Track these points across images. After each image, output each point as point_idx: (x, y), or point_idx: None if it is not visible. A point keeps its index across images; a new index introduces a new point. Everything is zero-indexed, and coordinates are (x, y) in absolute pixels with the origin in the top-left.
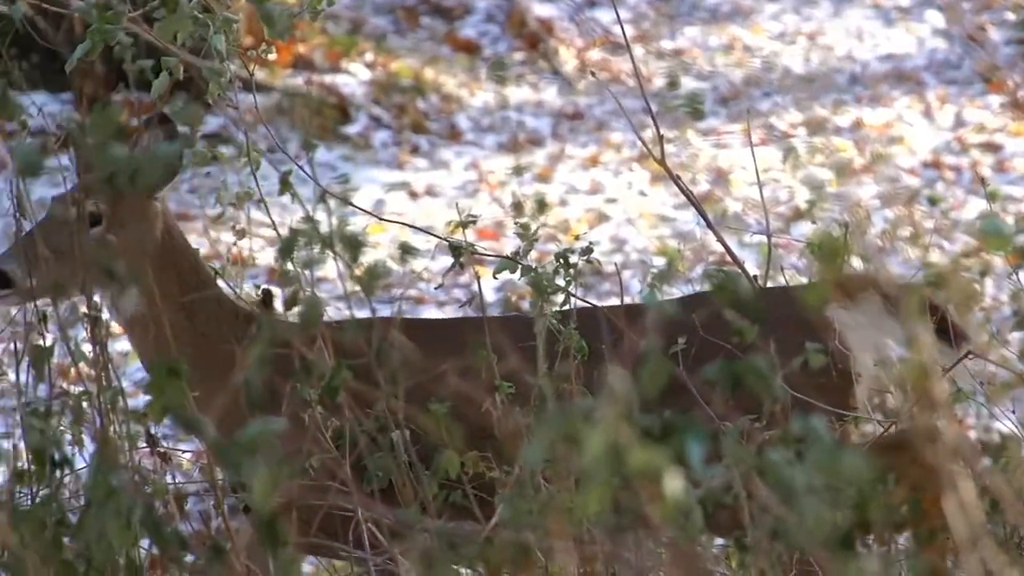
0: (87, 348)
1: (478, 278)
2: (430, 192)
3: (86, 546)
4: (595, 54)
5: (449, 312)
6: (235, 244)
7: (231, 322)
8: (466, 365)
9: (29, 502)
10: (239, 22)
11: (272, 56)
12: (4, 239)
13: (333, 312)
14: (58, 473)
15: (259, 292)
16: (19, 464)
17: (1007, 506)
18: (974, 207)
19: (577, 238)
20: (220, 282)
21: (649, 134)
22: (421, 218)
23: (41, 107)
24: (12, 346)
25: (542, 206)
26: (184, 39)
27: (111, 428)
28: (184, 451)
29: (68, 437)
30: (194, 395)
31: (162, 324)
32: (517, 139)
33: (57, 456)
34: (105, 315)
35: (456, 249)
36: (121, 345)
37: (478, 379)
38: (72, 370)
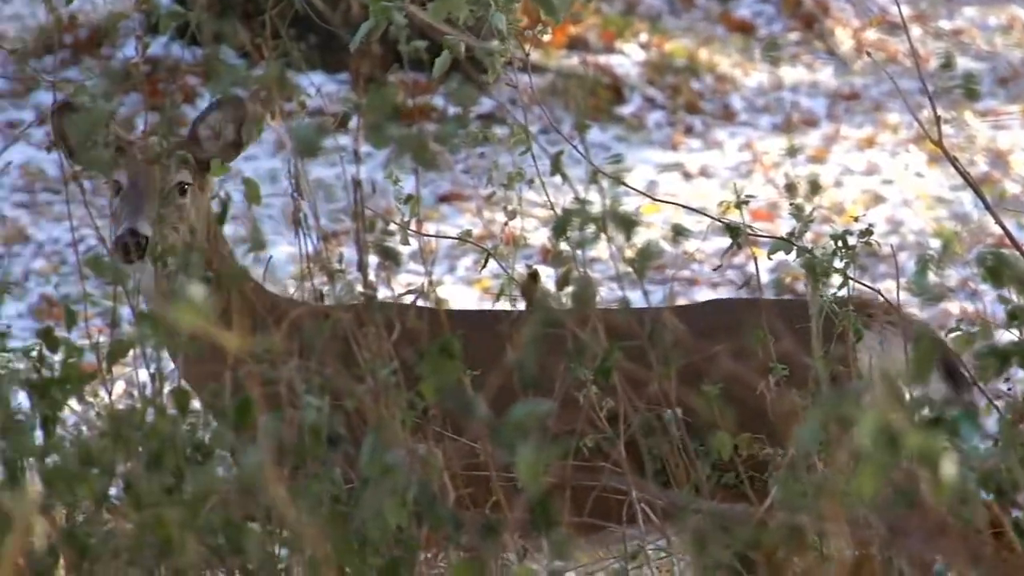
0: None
1: (754, 259)
2: (703, 173)
3: (362, 523)
4: (871, 34)
5: (722, 294)
6: (507, 224)
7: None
8: (739, 346)
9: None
10: (519, 1)
11: (547, 37)
12: (282, 218)
13: (605, 293)
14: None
15: (528, 272)
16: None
17: None
18: None
19: (856, 219)
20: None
21: (926, 115)
22: (694, 199)
23: (319, 87)
24: None
25: (816, 187)
26: (463, 19)
27: (381, 407)
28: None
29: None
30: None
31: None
32: (791, 120)
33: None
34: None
35: (731, 230)
36: None
37: (751, 361)
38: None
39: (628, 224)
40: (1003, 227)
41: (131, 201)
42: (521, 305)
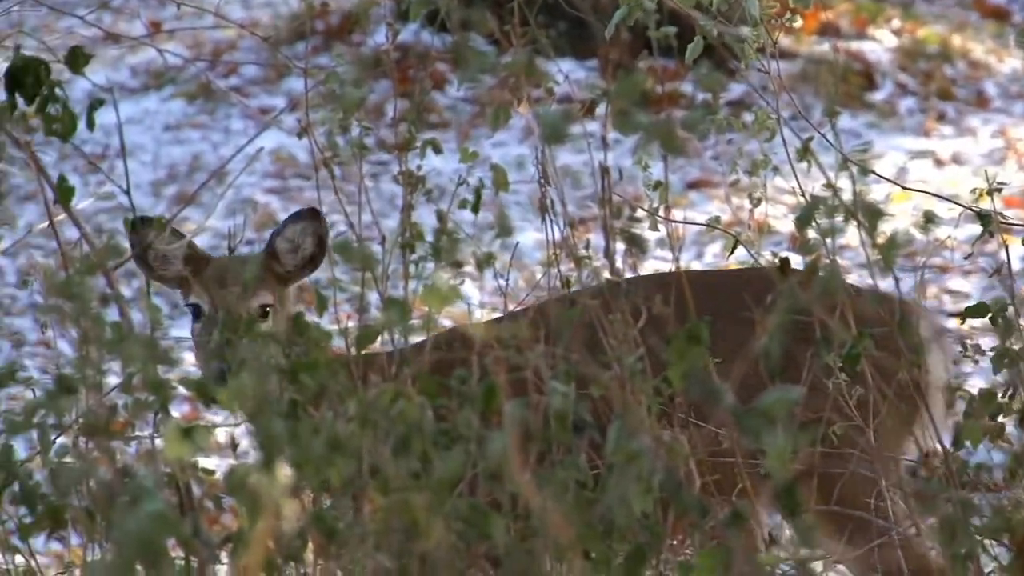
0: None
1: (1006, 247)
2: (956, 160)
3: (608, 509)
4: None
5: (973, 282)
6: (752, 211)
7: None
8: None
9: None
10: None
11: (798, 23)
12: (529, 205)
13: (855, 280)
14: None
15: (776, 259)
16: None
17: None
18: None
19: None
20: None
21: None
22: (946, 186)
23: (567, 74)
24: None
25: None
26: (715, 4)
27: (627, 393)
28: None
29: None
30: None
31: None
32: None
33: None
34: None
35: (983, 217)
36: None
37: None
38: None
39: (875, 212)
40: None
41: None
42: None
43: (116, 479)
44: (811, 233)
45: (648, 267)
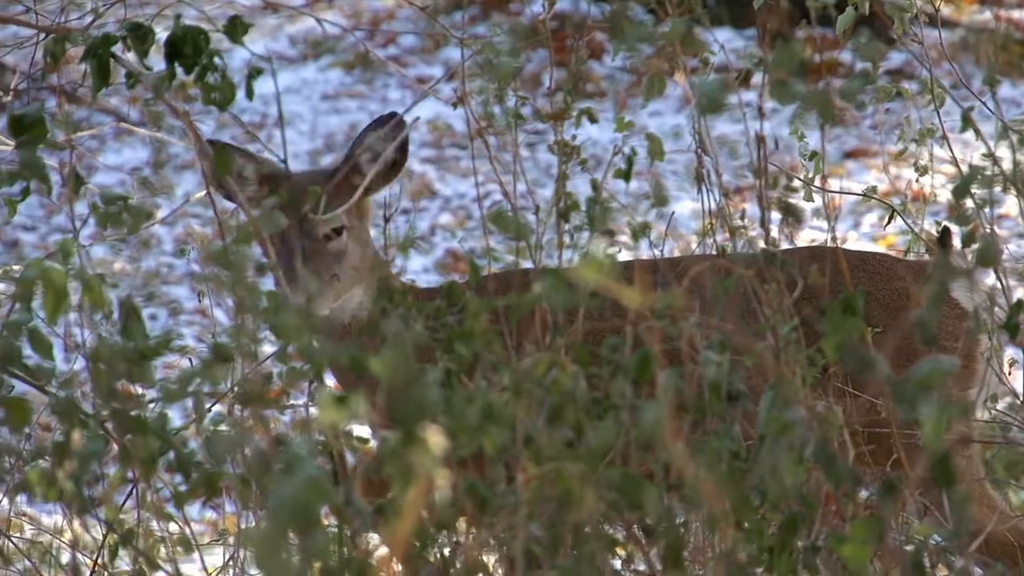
0: None
1: None
2: None
3: (761, 479)
4: None
5: None
6: (916, 180)
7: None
8: None
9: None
10: None
11: None
12: (685, 175)
13: (1014, 249)
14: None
15: (937, 229)
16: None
17: None
18: None
19: None
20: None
21: None
22: None
23: (724, 43)
24: None
25: None
26: None
27: (781, 364)
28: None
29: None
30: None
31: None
32: None
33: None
34: None
35: None
36: None
37: None
38: None
39: None
40: None
41: (286, 268)
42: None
43: (271, 447)
44: (969, 203)
45: (804, 237)
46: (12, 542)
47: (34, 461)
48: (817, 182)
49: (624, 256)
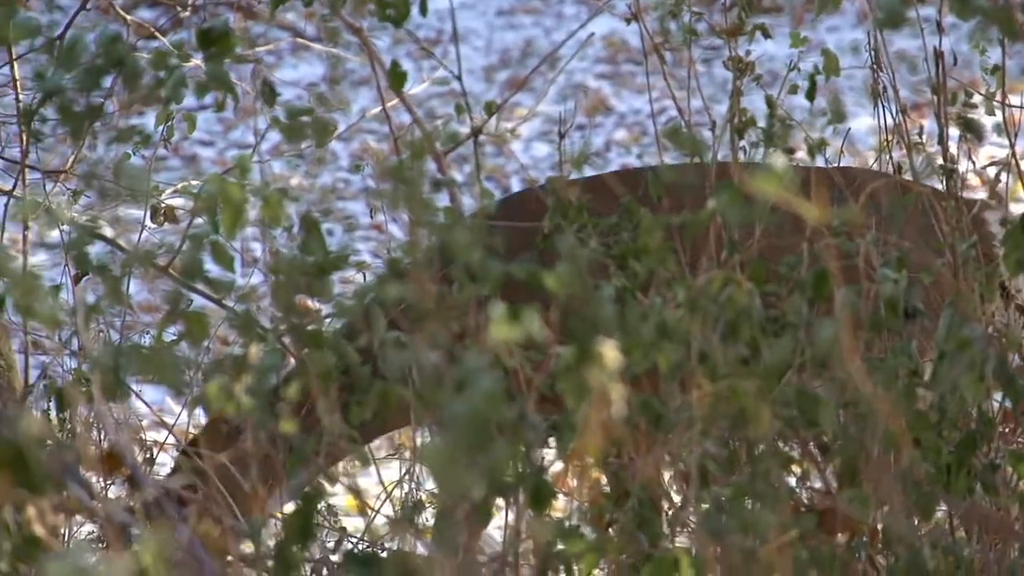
0: None
1: None
2: None
3: (940, 397)
4: None
5: None
6: None
7: None
8: None
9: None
10: None
11: None
12: (863, 91)
13: None
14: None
15: None
16: None
17: None
18: None
19: None
20: None
21: None
22: None
23: None
24: None
25: None
26: None
27: (960, 280)
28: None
29: None
30: None
31: None
32: None
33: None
34: None
35: None
36: None
37: None
38: None
39: None
40: None
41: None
42: None
43: (445, 363)
44: None
45: (983, 154)
46: (191, 455)
47: (212, 375)
48: (997, 98)
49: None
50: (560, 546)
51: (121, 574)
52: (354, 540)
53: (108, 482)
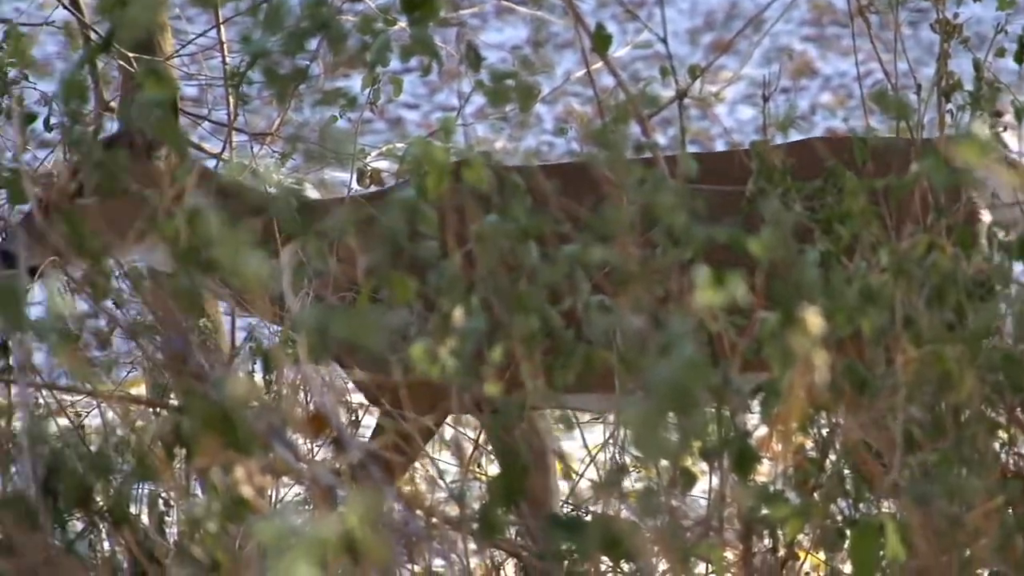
0: None
1: None
2: None
3: None
4: None
5: None
6: None
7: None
8: None
9: None
10: None
11: None
12: None
13: None
14: None
15: None
16: None
17: None
18: None
19: None
20: None
21: None
22: None
23: None
24: None
25: None
26: None
27: None
28: None
29: None
30: None
31: None
32: None
33: None
34: None
35: None
36: None
37: None
38: None
39: None
40: None
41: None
42: None
43: (648, 327)
44: None
45: None
46: (394, 416)
47: (415, 337)
48: None
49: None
50: (764, 511)
51: (327, 535)
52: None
53: (314, 444)
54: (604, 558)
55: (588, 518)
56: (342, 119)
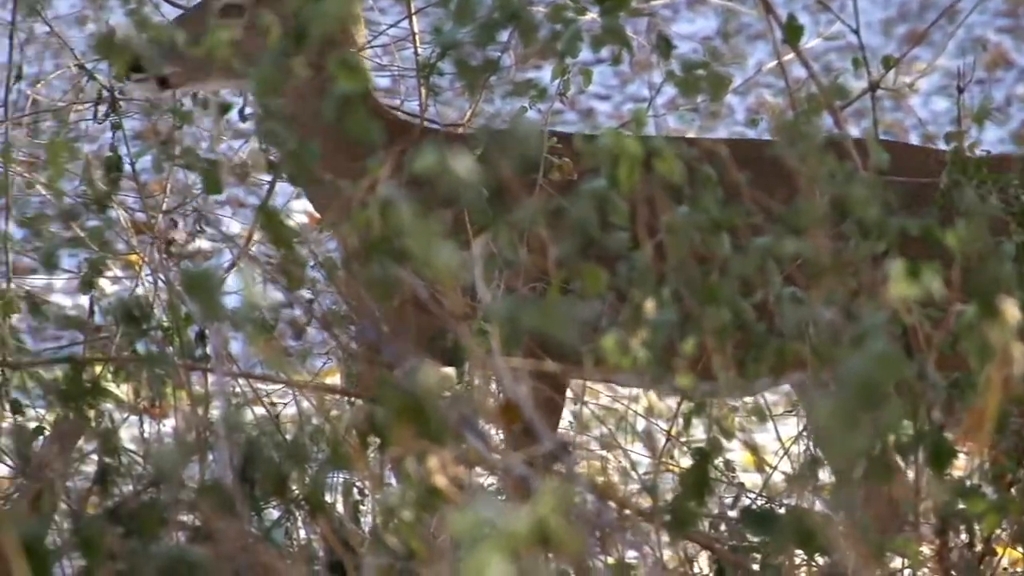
0: None
1: None
2: None
3: None
4: None
5: None
6: None
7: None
8: None
9: None
10: None
11: None
12: None
13: None
14: None
15: None
16: None
17: None
18: None
19: None
20: None
21: None
22: None
23: None
24: None
25: None
26: None
27: None
28: None
29: None
30: None
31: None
32: None
33: None
34: None
35: None
36: None
37: None
38: None
39: None
40: None
41: None
42: None
43: (841, 319)
44: None
45: None
46: (589, 408)
47: (606, 329)
48: None
49: None
50: (961, 505)
51: (521, 526)
52: (751, 496)
53: (506, 434)
54: (798, 551)
55: (781, 511)
56: (532, 110)
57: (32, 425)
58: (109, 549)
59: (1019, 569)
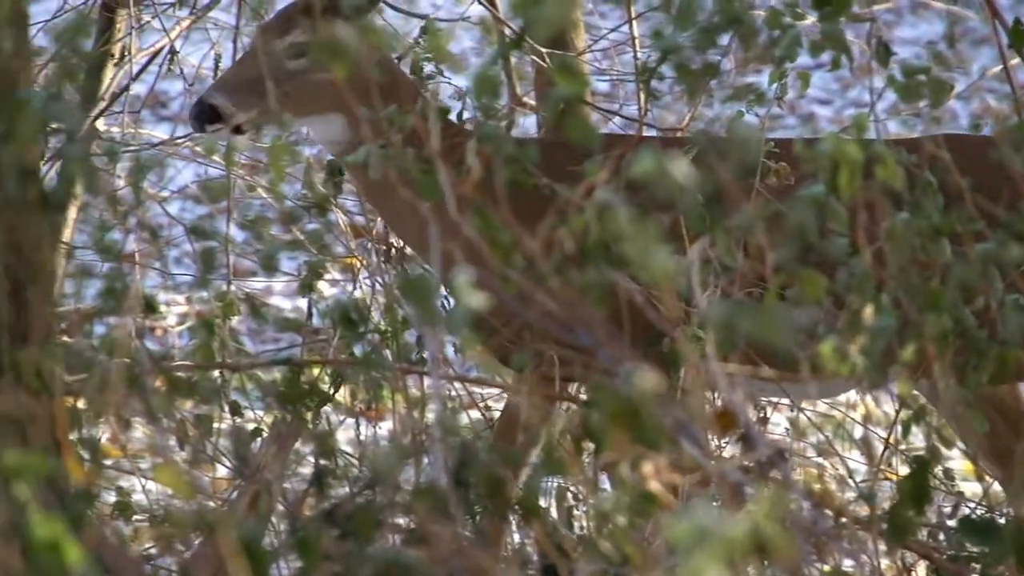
0: None
1: None
2: None
3: None
4: None
5: None
6: None
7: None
8: None
9: None
10: None
11: None
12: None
13: None
14: None
15: None
16: None
17: None
18: None
19: None
20: None
21: None
22: None
23: None
24: None
25: None
26: None
27: None
28: None
29: None
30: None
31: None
32: None
33: None
34: None
35: None
36: None
37: None
38: None
39: None
40: None
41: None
42: None
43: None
44: None
45: None
46: (806, 415)
47: (824, 335)
48: None
49: None
50: None
51: (737, 533)
52: (971, 505)
53: (722, 440)
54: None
55: (1002, 521)
56: (750, 114)
57: (250, 427)
58: (325, 551)
59: None
